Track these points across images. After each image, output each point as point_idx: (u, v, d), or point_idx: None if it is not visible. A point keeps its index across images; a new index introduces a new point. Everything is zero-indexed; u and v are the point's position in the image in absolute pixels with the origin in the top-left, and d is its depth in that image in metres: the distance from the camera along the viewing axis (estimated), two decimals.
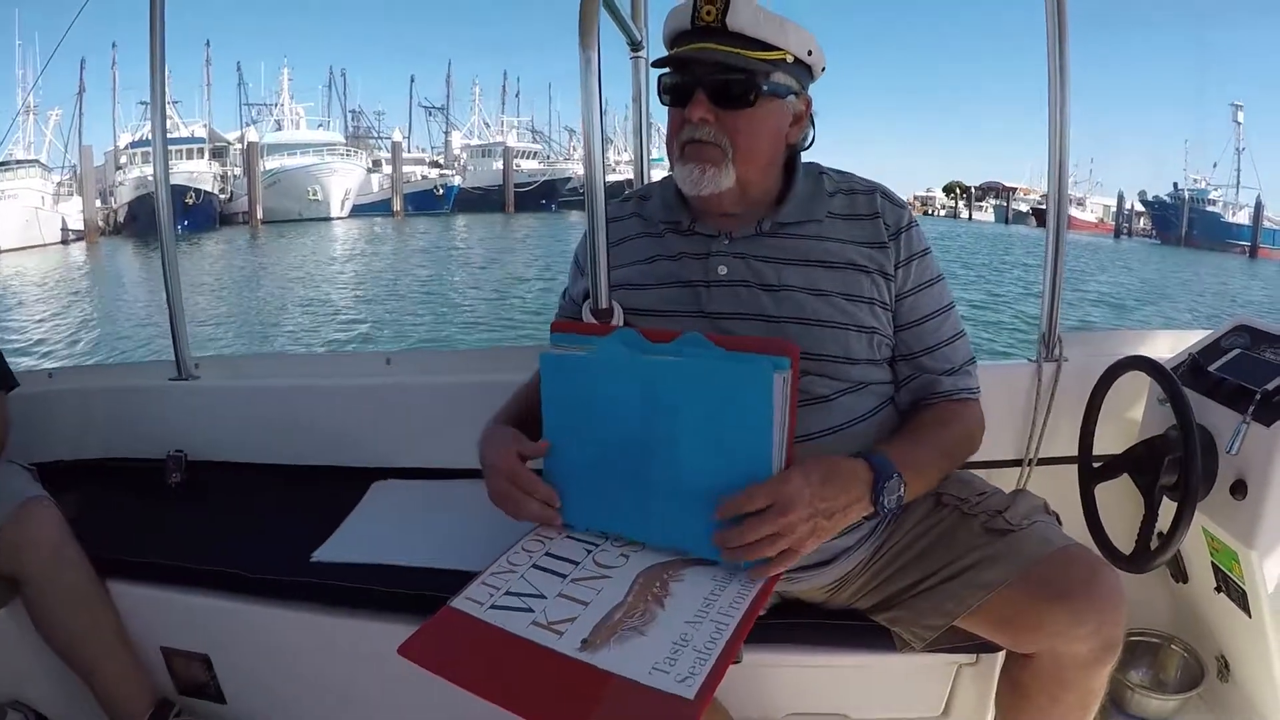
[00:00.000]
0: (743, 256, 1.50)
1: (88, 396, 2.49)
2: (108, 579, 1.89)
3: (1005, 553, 1.41)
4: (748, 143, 1.46)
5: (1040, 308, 2.18)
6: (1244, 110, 49.65)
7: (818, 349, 1.44)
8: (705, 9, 1.41)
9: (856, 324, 1.47)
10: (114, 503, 2.22)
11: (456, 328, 15.77)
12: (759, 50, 1.42)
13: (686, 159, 1.47)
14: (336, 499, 2.12)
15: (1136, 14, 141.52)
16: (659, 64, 1.49)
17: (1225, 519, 1.74)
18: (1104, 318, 17.64)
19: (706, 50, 1.41)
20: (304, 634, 1.82)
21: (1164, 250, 43.26)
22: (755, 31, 1.41)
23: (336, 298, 19.83)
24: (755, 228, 1.52)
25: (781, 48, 1.43)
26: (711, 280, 1.50)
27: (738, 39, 1.41)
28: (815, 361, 1.44)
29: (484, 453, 1.45)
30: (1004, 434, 2.12)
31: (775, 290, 1.47)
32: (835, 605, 1.58)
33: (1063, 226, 2.13)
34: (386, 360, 2.40)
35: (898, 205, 1.57)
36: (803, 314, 1.46)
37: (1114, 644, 1.36)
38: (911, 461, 1.38)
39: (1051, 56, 2.02)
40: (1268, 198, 45.20)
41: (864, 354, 1.48)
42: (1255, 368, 1.81)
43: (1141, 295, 22.38)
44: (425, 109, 63.59)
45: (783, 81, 1.46)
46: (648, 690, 1.07)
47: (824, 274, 1.49)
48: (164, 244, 2.43)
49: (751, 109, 1.44)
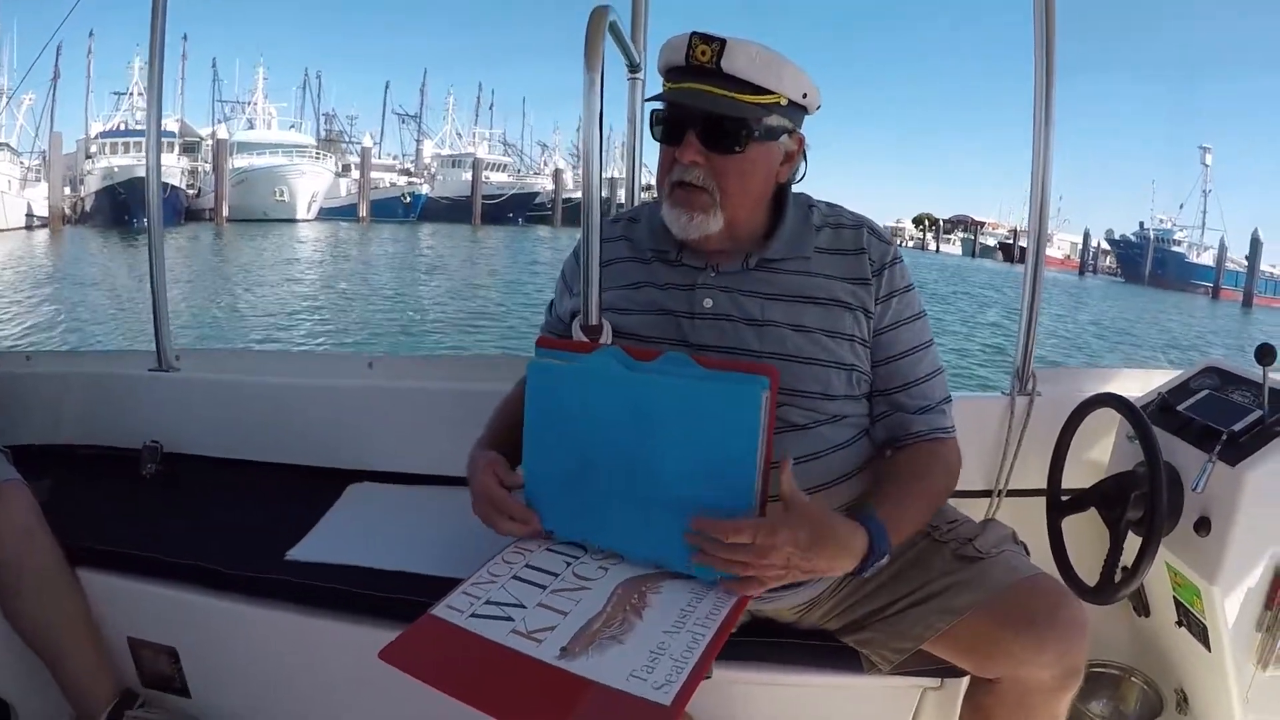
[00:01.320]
0: (728, 290, 1.51)
1: (65, 381, 2.47)
2: (77, 566, 1.87)
3: (974, 579, 1.44)
4: (737, 188, 1.46)
5: (1015, 343, 2.20)
6: (1211, 153, 50.62)
7: (798, 385, 1.45)
8: (700, 49, 1.40)
9: (837, 361, 1.48)
10: (86, 490, 2.20)
11: (411, 337, 15.68)
12: (753, 94, 1.41)
13: (675, 202, 1.47)
14: (312, 499, 2.11)
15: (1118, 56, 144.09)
16: (652, 100, 1.49)
17: (1189, 555, 1.78)
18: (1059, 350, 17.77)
19: (700, 93, 1.41)
20: (274, 632, 1.81)
21: (1128, 289, 44.07)
22: (750, 75, 1.40)
23: (295, 299, 19.70)
24: (742, 263, 1.53)
25: (776, 91, 1.43)
26: (696, 313, 1.50)
27: (732, 81, 1.40)
28: (794, 396, 1.45)
29: (469, 476, 1.48)
30: (975, 464, 2.15)
31: (759, 325, 1.48)
32: (805, 625, 1.60)
33: (1040, 264, 2.16)
34: (368, 363, 2.39)
35: (883, 241, 1.58)
36: (784, 350, 1.47)
37: (1076, 672, 1.40)
38: (901, 524, 1.40)
39: (1038, 97, 2.06)
40: (1231, 239, 45.96)
41: (842, 390, 1.49)
42: (1223, 409, 1.85)
43: (1100, 333, 22.69)
44: (399, 116, 63.96)
45: (776, 124, 1.46)
46: (625, 696, 1.10)
47: (807, 310, 1.50)
48: (151, 236, 2.41)
49: (742, 154, 1.44)
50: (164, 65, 2.37)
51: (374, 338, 15.29)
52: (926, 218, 77.59)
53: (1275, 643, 1.76)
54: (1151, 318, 29.72)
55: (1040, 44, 2.03)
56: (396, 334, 15.87)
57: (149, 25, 2.30)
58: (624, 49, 1.72)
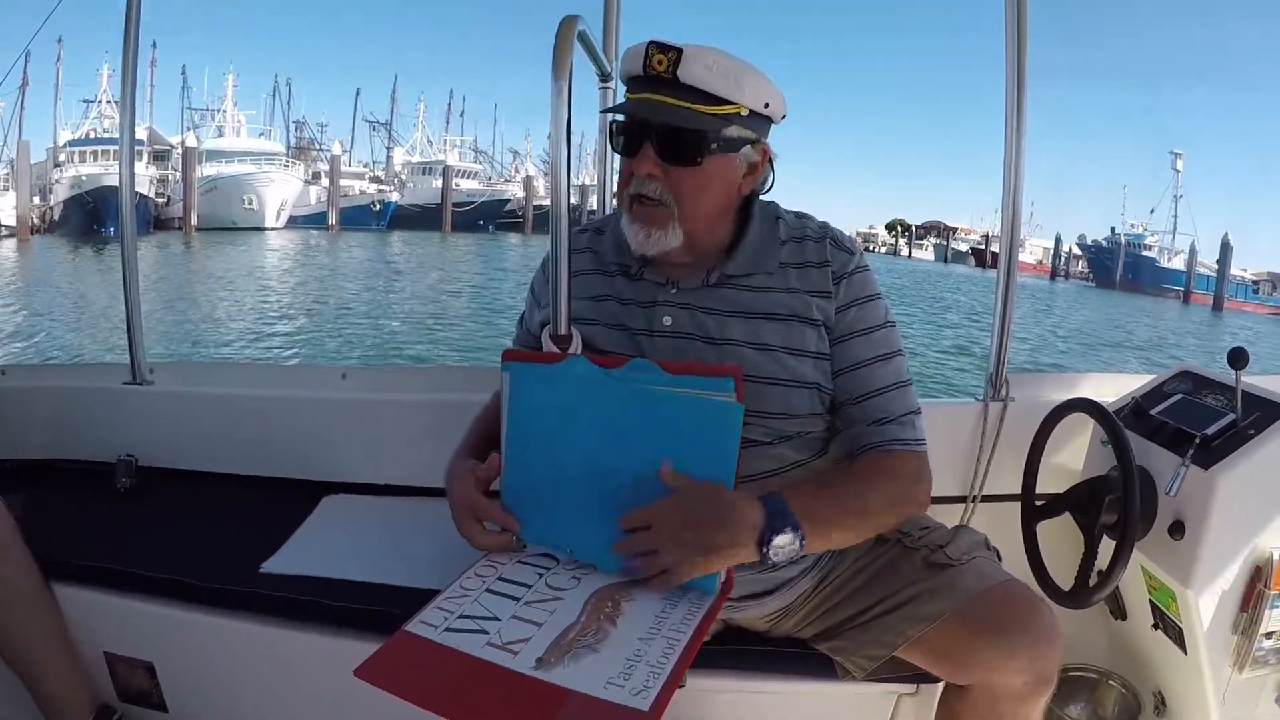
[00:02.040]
0: (688, 307, 1.49)
1: (38, 395, 2.45)
2: (52, 581, 1.86)
3: (945, 587, 1.44)
4: (694, 200, 1.44)
5: (989, 348, 2.21)
6: (1183, 159, 51.23)
7: (758, 405, 1.43)
8: (656, 58, 1.36)
9: (798, 379, 1.47)
10: (60, 504, 2.19)
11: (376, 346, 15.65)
12: (711, 105, 1.38)
13: (634, 218, 1.45)
14: (287, 511, 2.11)
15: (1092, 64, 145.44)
16: (609, 111, 1.47)
17: (1163, 558, 1.79)
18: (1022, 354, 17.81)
19: (656, 103, 1.38)
20: (250, 645, 1.80)
21: (1098, 293, 44.52)
22: (707, 85, 1.36)
23: (266, 308, 19.69)
24: (703, 279, 1.50)
25: (736, 101, 1.39)
26: (655, 330, 1.49)
27: (689, 92, 1.37)
28: (755, 415, 1.43)
29: (447, 488, 1.47)
30: (950, 470, 2.15)
31: (718, 344, 1.46)
32: (778, 634, 1.61)
33: (1013, 269, 2.16)
34: (342, 375, 2.38)
35: (845, 251, 1.54)
36: (744, 369, 1.38)
37: (1048, 677, 1.40)
38: (815, 514, 1.32)
39: (1010, 104, 2.06)
40: (1203, 244, 46.59)
41: (804, 408, 1.48)
42: (1196, 413, 1.86)
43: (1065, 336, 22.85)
44: (370, 123, 63.83)
45: (736, 135, 1.43)
46: (604, 704, 1.10)
47: (768, 327, 1.48)
48: (125, 249, 2.39)
49: (699, 167, 1.41)
50: (136, 75, 2.36)
51: (345, 346, 15.30)
52: (899, 224, 78.26)
53: (1250, 645, 1.78)
54: (1116, 321, 30.03)
55: (1011, 50, 2.04)
56: (363, 341, 15.87)
57: (122, 31, 2.29)
58: (594, 58, 1.71)
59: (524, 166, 59.76)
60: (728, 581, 1.34)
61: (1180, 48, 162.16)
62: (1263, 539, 1.74)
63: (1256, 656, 1.78)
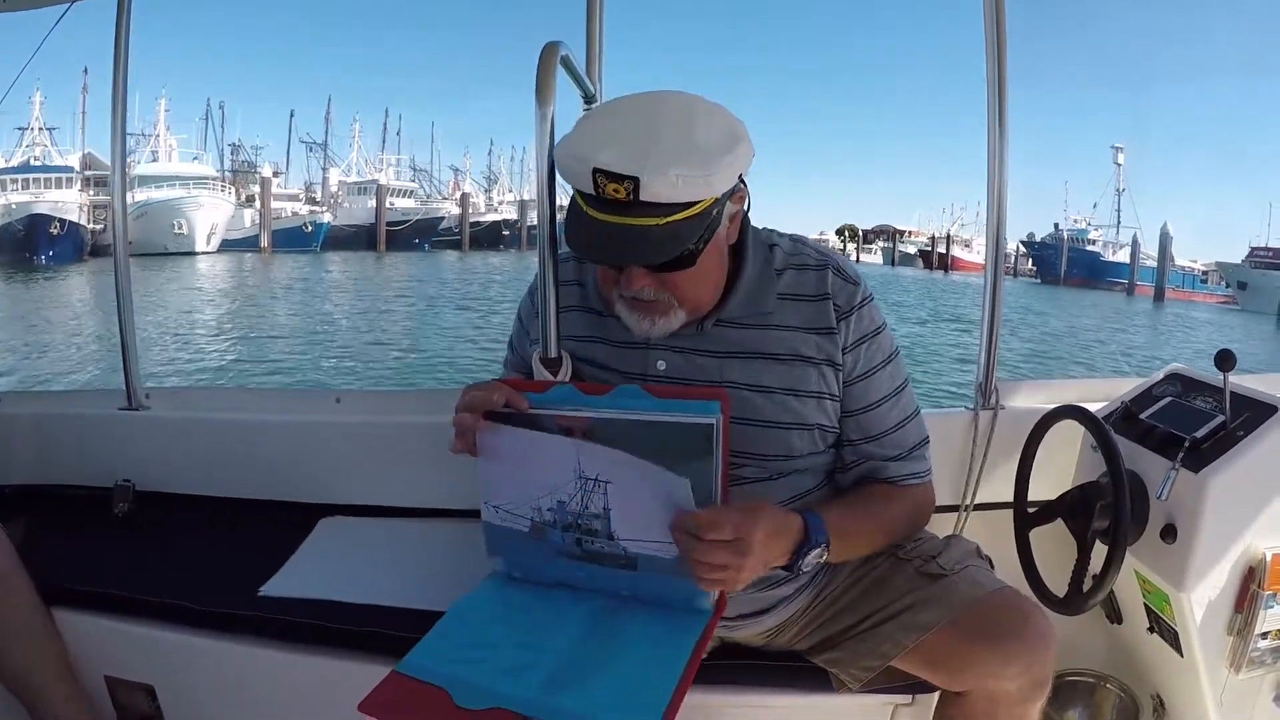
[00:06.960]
0: (682, 351, 1.44)
1: (34, 422, 2.46)
2: (52, 607, 1.87)
3: (938, 596, 1.45)
4: (694, 289, 1.37)
5: (977, 357, 2.20)
6: (1124, 153, 52.12)
7: (759, 448, 1.41)
8: (610, 188, 1.21)
9: (800, 422, 1.43)
10: (59, 530, 2.20)
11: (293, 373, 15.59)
12: (683, 211, 1.25)
13: (631, 309, 1.38)
14: (284, 534, 2.12)
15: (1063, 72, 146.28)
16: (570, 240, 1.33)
17: (1156, 562, 1.79)
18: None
19: (627, 228, 1.24)
20: (249, 668, 1.81)
21: (1044, 290, 44.90)
22: (675, 199, 1.23)
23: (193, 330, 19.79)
24: (698, 325, 1.43)
25: (708, 197, 1.26)
26: (649, 375, 1.44)
27: (657, 206, 1.23)
28: (755, 458, 1.42)
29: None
30: (942, 480, 2.13)
31: (717, 387, 1.38)
32: (774, 648, 1.61)
33: (999, 277, 2.15)
34: (336, 399, 2.40)
35: (850, 282, 1.46)
36: (744, 413, 1.39)
37: (1043, 682, 1.41)
38: (842, 530, 1.37)
39: (991, 109, 2.06)
40: (1145, 235, 47.34)
41: (805, 449, 1.44)
42: (1186, 415, 1.86)
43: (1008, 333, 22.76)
44: (306, 145, 63.60)
45: (717, 214, 1.31)
46: None
47: (768, 368, 1.42)
48: (118, 276, 2.41)
49: (693, 266, 1.32)
50: (125, 103, 2.38)
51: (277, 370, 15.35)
52: (849, 229, 79.08)
53: (1246, 646, 1.78)
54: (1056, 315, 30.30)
55: (991, 54, 2.04)
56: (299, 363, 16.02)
57: (111, 52, 2.32)
58: (578, 81, 1.70)
59: (464, 183, 60.04)
60: (720, 601, 1.35)
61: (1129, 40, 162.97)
62: (1255, 540, 1.74)
63: (1253, 657, 1.78)
